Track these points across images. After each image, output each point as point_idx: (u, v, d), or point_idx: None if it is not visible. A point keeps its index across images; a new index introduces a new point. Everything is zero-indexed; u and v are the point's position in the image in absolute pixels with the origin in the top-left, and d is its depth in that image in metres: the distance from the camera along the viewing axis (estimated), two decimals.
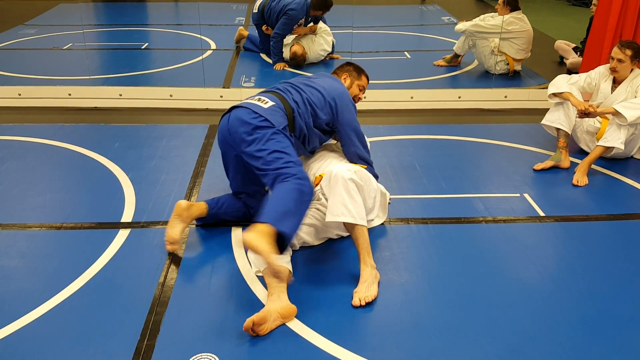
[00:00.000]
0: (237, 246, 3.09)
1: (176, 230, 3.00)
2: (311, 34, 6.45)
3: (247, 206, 3.22)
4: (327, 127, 3.22)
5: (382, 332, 2.50)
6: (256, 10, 6.48)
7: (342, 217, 2.74)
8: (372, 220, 3.20)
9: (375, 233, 3.25)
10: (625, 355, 2.39)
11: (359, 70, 3.51)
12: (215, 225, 3.27)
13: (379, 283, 2.77)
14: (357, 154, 3.28)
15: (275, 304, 2.52)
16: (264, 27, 6.43)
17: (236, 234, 3.20)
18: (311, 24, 6.49)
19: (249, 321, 2.39)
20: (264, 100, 3.02)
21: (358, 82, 3.48)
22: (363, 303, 2.63)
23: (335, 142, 3.56)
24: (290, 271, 2.72)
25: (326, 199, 2.88)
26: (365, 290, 2.68)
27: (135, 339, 2.41)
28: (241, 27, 7.10)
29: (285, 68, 6.26)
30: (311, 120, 3.13)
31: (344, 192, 2.75)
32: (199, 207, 3.14)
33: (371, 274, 2.74)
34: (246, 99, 3.12)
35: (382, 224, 3.34)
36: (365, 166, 3.25)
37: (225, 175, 3.24)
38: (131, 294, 2.70)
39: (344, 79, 3.46)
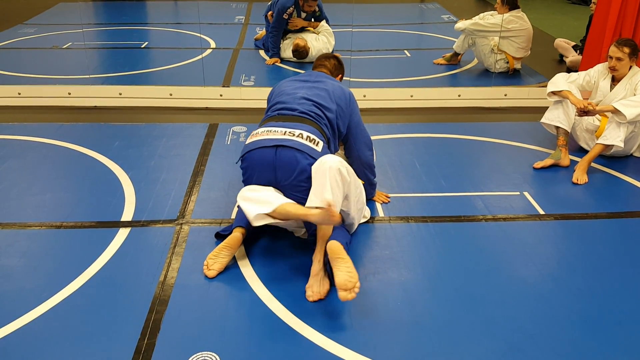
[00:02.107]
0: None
1: (225, 261, 2.87)
2: (313, 32, 6.46)
3: None
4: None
5: (382, 330, 2.50)
6: (269, 2, 6.66)
7: (320, 203, 2.73)
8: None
9: (375, 231, 3.26)
10: (625, 353, 2.40)
11: (343, 66, 3.57)
12: (214, 224, 3.29)
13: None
14: (360, 158, 3.31)
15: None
16: (269, 14, 6.50)
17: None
18: (312, 20, 6.50)
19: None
20: (314, 139, 2.95)
21: (343, 78, 3.56)
22: (316, 298, 2.65)
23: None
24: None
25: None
26: (319, 285, 2.70)
27: (136, 338, 2.42)
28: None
29: (276, 63, 6.33)
30: (336, 140, 3.22)
31: (328, 180, 2.76)
32: (243, 233, 3.00)
33: (322, 268, 2.75)
34: (284, 125, 2.99)
35: (383, 222, 3.34)
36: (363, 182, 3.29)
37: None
38: (131, 293, 2.70)
39: (339, 79, 3.48)
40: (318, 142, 2.96)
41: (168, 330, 2.47)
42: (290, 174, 2.89)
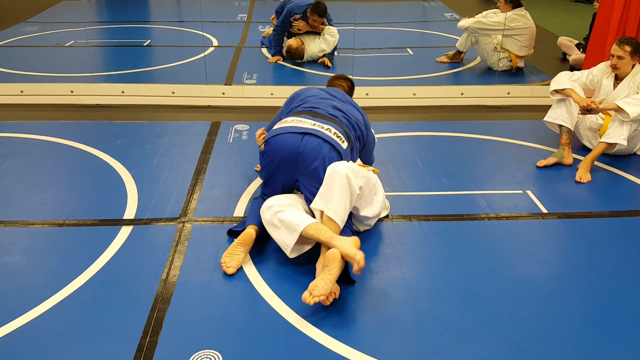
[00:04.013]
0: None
1: (241, 257, 2.88)
2: (314, 34, 6.44)
3: None
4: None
5: (385, 329, 2.50)
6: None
7: (323, 208, 2.80)
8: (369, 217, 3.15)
9: (378, 230, 3.25)
10: (628, 352, 2.39)
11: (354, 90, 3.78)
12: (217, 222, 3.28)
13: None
14: (367, 160, 3.50)
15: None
16: (272, 17, 6.50)
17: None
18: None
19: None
20: (340, 136, 3.04)
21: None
22: (311, 302, 2.49)
23: None
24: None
25: None
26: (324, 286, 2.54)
27: (138, 336, 2.42)
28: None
29: (278, 62, 6.34)
30: (356, 153, 3.29)
31: (336, 187, 2.80)
32: (257, 230, 3.00)
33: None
34: (314, 119, 3.07)
35: (385, 220, 3.34)
36: (378, 170, 3.40)
37: (265, 180, 3.16)
38: (133, 291, 2.70)
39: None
40: (344, 140, 3.05)
41: (170, 328, 2.47)
42: (312, 161, 2.94)
